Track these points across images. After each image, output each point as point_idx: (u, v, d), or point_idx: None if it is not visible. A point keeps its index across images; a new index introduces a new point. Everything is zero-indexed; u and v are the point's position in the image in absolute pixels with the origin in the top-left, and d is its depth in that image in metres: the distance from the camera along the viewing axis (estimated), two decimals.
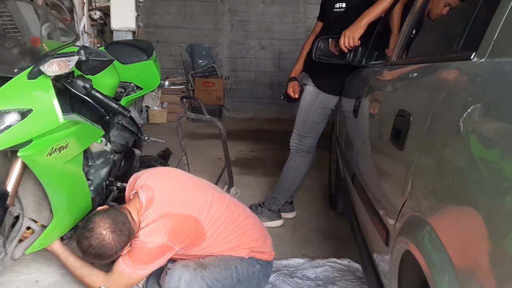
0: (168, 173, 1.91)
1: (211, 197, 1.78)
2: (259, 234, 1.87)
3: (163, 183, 1.77)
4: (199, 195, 1.78)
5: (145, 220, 1.66)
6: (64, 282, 1.91)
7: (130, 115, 2.11)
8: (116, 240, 1.58)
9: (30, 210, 1.78)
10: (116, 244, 1.58)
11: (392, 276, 1.08)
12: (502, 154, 0.66)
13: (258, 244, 1.84)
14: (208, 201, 1.76)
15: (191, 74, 6.60)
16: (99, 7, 4.22)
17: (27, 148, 1.53)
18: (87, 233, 1.57)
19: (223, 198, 1.85)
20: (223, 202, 1.81)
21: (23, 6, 2.38)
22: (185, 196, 1.75)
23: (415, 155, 1.00)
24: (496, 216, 0.63)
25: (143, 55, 2.59)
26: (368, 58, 2.23)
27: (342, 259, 2.19)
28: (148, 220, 1.66)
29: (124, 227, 1.60)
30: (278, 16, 6.70)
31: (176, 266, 1.66)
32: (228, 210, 1.80)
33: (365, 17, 2.16)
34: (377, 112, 1.56)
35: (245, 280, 1.76)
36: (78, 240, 1.60)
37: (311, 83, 2.54)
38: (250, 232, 1.83)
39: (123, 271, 1.65)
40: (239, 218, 1.82)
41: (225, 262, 1.73)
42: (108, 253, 1.59)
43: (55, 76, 1.62)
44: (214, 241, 1.74)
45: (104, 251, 1.57)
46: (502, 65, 0.81)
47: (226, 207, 1.80)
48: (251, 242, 1.81)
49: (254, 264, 1.79)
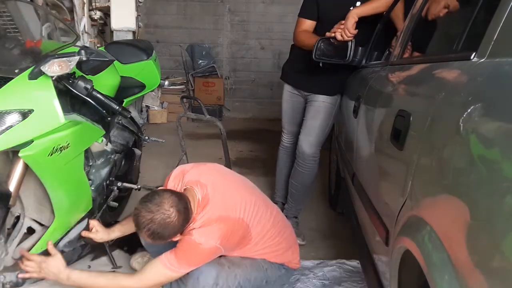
0: (217, 171, 1.85)
1: (259, 201, 1.76)
2: (291, 243, 1.88)
3: (215, 181, 1.72)
4: (248, 198, 1.73)
5: (200, 220, 1.60)
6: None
7: (131, 115, 2.11)
8: (179, 222, 1.50)
9: (31, 210, 1.79)
10: (178, 226, 1.51)
11: (392, 276, 1.08)
12: (502, 154, 0.66)
13: (289, 253, 1.85)
14: (256, 205, 1.72)
15: (191, 74, 6.59)
16: (99, 7, 4.21)
17: (28, 148, 1.53)
18: (153, 207, 1.48)
19: (267, 203, 1.84)
20: (267, 207, 1.79)
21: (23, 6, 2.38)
22: (238, 198, 1.71)
23: (415, 155, 1.01)
24: (496, 216, 0.64)
25: (143, 55, 2.59)
26: (368, 58, 2.23)
27: (351, 260, 2.19)
28: (203, 220, 1.60)
29: (187, 212, 1.54)
30: (278, 16, 6.69)
31: (208, 264, 1.63)
32: (272, 217, 1.78)
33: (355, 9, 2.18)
34: (377, 112, 1.56)
35: (271, 283, 1.79)
36: (138, 213, 1.50)
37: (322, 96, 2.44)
38: (286, 242, 1.83)
39: (163, 269, 1.56)
40: (280, 225, 1.81)
41: (257, 263, 1.75)
42: (167, 233, 1.51)
43: (56, 77, 1.62)
44: (256, 246, 1.74)
45: (164, 229, 1.49)
46: (502, 65, 0.82)
47: (270, 214, 1.78)
48: (284, 253, 1.83)
49: (280, 268, 1.82)
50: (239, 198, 1.71)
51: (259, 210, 1.73)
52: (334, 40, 2.18)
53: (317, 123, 2.44)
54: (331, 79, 2.41)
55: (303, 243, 2.42)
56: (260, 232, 1.72)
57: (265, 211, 1.76)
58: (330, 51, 2.20)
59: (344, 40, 2.15)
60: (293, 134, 2.64)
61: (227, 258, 1.71)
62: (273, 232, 1.77)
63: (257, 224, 1.71)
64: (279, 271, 1.82)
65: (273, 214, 1.81)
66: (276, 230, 1.78)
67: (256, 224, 1.71)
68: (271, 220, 1.77)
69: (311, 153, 2.44)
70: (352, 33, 2.13)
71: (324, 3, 2.38)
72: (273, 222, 1.78)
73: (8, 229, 1.77)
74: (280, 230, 1.80)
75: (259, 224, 1.72)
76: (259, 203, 1.75)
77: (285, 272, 1.85)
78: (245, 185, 1.85)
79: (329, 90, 2.43)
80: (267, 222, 1.75)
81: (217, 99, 6.54)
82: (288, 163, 2.68)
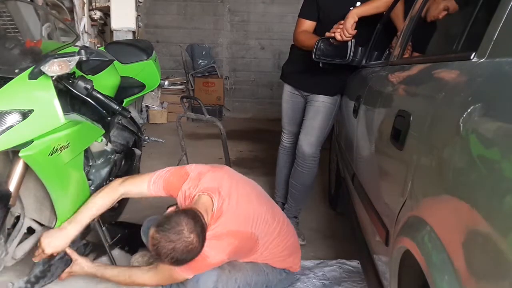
0: (231, 177, 1.81)
1: (268, 213, 1.77)
2: (294, 249, 1.90)
3: (231, 191, 1.70)
4: (258, 211, 1.74)
5: (212, 232, 1.58)
6: (64, 282, 1.91)
7: (131, 115, 2.11)
8: (200, 244, 1.47)
9: (31, 210, 1.79)
10: (199, 248, 1.47)
11: (392, 276, 1.08)
12: (501, 154, 0.66)
13: (291, 259, 1.87)
14: (266, 217, 1.74)
15: (191, 74, 6.60)
16: (99, 7, 4.21)
17: (28, 148, 1.53)
18: (173, 236, 1.42)
19: (274, 212, 1.84)
20: (274, 217, 1.79)
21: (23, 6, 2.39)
22: (250, 210, 1.71)
23: (415, 155, 1.01)
24: (496, 216, 0.64)
25: (143, 55, 2.59)
26: (368, 58, 2.23)
27: (351, 260, 2.20)
28: (214, 232, 1.59)
29: (204, 232, 1.49)
30: (278, 16, 6.70)
31: None
32: (278, 227, 1.79)
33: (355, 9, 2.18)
34: (377, 112, 1.56)
35: (271, 287, 1.80)
36: (157, 243, 1.45)
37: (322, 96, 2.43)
38: (288, 249, 1.85)
39: (174, 272, 1.60)
40: (284, 234, 1.82)
41: (259, 267, 1.77)
42: (190, 257, 1.47)
43: (56, 77, 1.62)
44: (261, 256, 1.77)
45: (188, 255, 1.45)
46: (502, 65, 0.82)
47: (277, 223, 1.79)
48: (287, 259, 1.85)
49: (282, 273, 1.85)
50: (251, 211, 1.72)
51: (267, 221, 1.74)
52: (334, 40, 2.18)
53: (317, 123, 2.44)
54: (331, 79, 2.40)
55: (303, 243, 2.42)
56: (265, 243, 1.75)
57: (272, 221, 1.77)
58: (330, 51, 2.20)
59: (343, 40, 2.15)
60: (293, 134, 2.64)
61: (228, 262, 1.71)
62: (278, 240, 1.79)
63: (265, 236, 1.73)
64: (280, 275, 1.84)
65: (280, 223, 1.81)
66: (280, 238, 1.80)
67: (264, 236, 1.73)
68: (277, 229, 1.78)
69: (311, 153, 2.44)
70: (350, 33, 2.13)
71: (324, 4, 2.38)
72: (279, 231, 1.79)
73: (8, 229, 1.76)
74: (284, 238, 1.82)
75: (266, 236, 1.74)
76: (268, 214, 1.77)
77: (286, 276, 1.87)
78: (256, 193, 1.85)
79: (330, 91, 2.43)
80: (273, 231, 1.76)
81: (217, 99, 6.54)
82: (288, 163, 2.68)
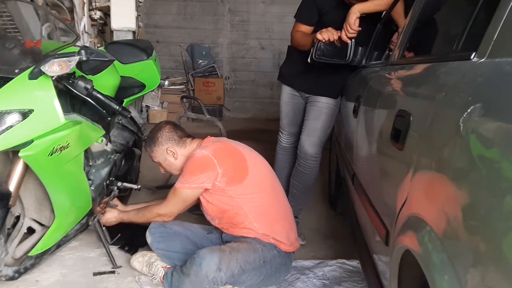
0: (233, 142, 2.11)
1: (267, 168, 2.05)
2: (283, 220, 1.98)
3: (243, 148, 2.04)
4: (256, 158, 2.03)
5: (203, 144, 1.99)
6: (64, 282, 1.91)
7: (131, 115, 2.11)
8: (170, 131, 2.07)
9: (31, 210, 1.79)
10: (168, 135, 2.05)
11: (392, 276, 1.08)
12: (501, 154, 0.66)
13: (279, 228, 1.92)
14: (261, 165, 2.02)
15: (191, 74, 6.59)
16: (99, 7, 4.21)
17: (28, 148, 1.54)
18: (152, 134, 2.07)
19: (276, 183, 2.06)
20: (272, 175, 2.06)
21: (23, 6, 2.39)
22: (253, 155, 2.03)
23: (415, 155, 1.01)
24: (496, 216, 0.64)
25: (142, 55, 2.59)
26: (368, 58, 2.22)
27: (351, 260, 2.19)
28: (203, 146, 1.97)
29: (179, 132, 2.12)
30: (278, 16, 6.69)
31: (210, 250, 1.74)
32: (273, 182, 2.03)
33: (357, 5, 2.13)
34: (377, 112, 1.56)
35: (268, 263, 1.85)
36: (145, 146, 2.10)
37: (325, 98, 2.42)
38: (276, 214, 1.96)
39: (174, 188, 1.92)
40: (278, 195, 2.01)
41: (252, 245, 1.83)
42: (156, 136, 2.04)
43: (56, 77, 1.62)
44: (246, 188, 1.89)
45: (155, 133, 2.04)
46: (502, 65, 0.82)
47: (274, 181, 2.04)
48: (274, 224, 1.92)
49: (273, 249, 1.88)
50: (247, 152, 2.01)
51: (262, 166, 2.02)
52: (338, 41, 2.17)
53: (319, 124, 2.43)
54: (332, 81, 2.39)
55: (303, 243, 2.41)
56: (255, 174, 1.93)
57: (266, 171, 2.03)
58: (330, 51, 2.19)
59: (347, 36, 2.14)
60: (293, 135, 2.63)
61: (227, 245, 1.82)
62: (270, 194, 1.97)
63: (255, 167, 1.94)
64: (272, 251, 1.87)
65: (278, 189, 2.03)
66: (273, 196, 1.98)
67: (254, 166, 1.94)
68: (273, 184, 2.01)
69: (313, 153, 2.44)
70: (354, 29, 2.11)
71: (323, 7, 2.34)
72: (273, 185, 2.01)
73: (8, 229, 1.77)
74: (277, 201, 1.99)
75: (256, 169, 1.95)
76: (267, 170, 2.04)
77: (277, 254, 1.88)
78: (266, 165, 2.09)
79: (332, 92, 2.42)
80: (266, 179, 1.99)
81: (217, 99, 6.54)
82: (289, 163, 2.67)
